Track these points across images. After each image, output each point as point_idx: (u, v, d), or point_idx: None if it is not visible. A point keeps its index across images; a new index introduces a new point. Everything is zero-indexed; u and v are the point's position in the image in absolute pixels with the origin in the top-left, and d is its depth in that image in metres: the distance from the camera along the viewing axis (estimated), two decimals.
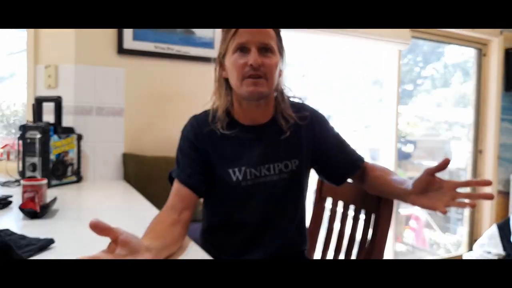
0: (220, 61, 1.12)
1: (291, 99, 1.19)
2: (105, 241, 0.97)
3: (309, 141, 1.17)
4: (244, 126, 1.13)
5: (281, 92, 1.15)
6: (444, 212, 0.91)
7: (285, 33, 1.15)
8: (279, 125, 1.13)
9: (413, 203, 1.00)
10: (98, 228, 0.66)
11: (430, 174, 0.96)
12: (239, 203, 1.12)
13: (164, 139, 2.08)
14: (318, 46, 2.93)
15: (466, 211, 3.47)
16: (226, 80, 1.12)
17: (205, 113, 1.16)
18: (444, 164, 0.92)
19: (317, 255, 1.45)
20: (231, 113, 1.14)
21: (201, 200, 1.18)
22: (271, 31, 1.06)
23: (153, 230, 0.91)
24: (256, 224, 1.13)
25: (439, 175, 0.97)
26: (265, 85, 1.05)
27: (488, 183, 0.89)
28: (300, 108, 1.19)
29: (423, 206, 0.98)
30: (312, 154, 1.18)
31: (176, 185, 1.08)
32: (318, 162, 1.20)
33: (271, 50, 1.05)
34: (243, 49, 1.04)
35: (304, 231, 1.26)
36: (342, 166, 1.20)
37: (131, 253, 0.71)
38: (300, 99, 1.21)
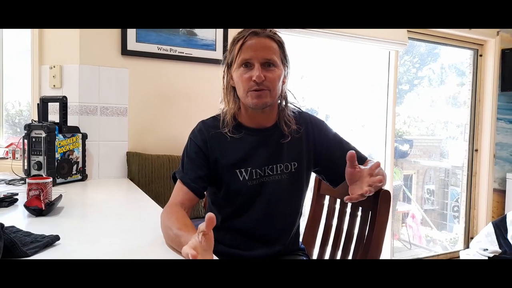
0: (227, 70, 1.18)
1: (291, 107, 1.25)
2: (107, 239, 1.01)
3: (309, 146, 1.23)
4: (250, 130, 1.19)
5: (284, 98, 1.21)
6: (354, 199, 0.98)
7: (284, 35, 1.20)
8: (281, 129, 1.19)
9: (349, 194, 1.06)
10: (212, 222, 0.75)
11: (348, 167, 1.03)
12: (245, 202, 1.17)
13: (167, 138, 2.11)
14: (317, 48, 2.95)
15: (463, 209, 3.51)
16: (234, 87, 1.18)
17: (213, 118, 1.22)
18: (349, 158, 1.01)
19: (316, 251, 1.48)
20: (237, 117, 1.19)
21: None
22: (274, 45, 1.13)
23: (191, 226, 0.95)
24: (259, 222, 1.18)
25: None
26: (268, 96, 1.12)
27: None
28: (299, 115, 1.25)
29: (350, 194, 1.04)
30: (313, 158, 1.24)
31: (180, 185, 1.14)
32: (318, 164, 1.26)
33: (274, 64, 1.12)
34: (247, 64, 1.11)
35: (299, 230, 1.32)
36: (340, 169, 1.22)
37: (208, 249, 0.78)
38: (299, 108, 1.27)
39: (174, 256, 0.90)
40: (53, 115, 1.83)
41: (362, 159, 1.26)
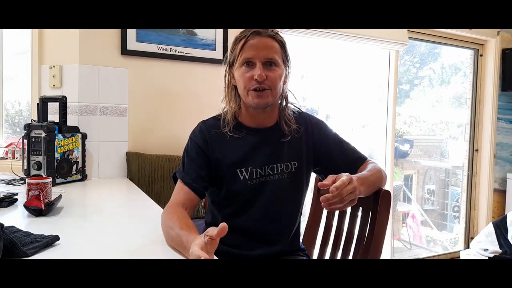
0: (229, 69, 1.18)
1: (292, 107, 1.25)
2: (107, 239, 1.02)
3: (309, 146, 1.24)
4: (251, 129, 1.19)
5: (285, 98, 1.22)
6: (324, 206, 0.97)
7: (285, 34, 1.20)
8: (282, 129, 1.20)
9: None
10: (224, 232, 0.76)
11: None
12: (246, 201, 1.17)
13: (167, 138, 2.11)
14: (317, 47, 2.95)
15: (463, 209, 3.51)
16: (235, 87, 1.18)
17: (214, 118, 1.23)
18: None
19: (316, 251, 1.48)
20: (237, 116, 1.20)
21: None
22: (276, 45, 1.14)
23: (193, 226, 0.95)
24: (259, 221, 1.18)
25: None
26: (269, 96, 1.13)
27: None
28: (299, 115, 1.26)
29: None
30: (313, 157, 1.25)
31: (180, 185, 1.14)
32: (319, 164, 1.27)
33: (276, 63, 1.13)
34: (249, 63, 1.12)
35: (299, 230, 1.32)
36: (340, 168, 1.23)
37: (211, 251, 0.79)
38: (299, 108, 1.28)
39: (174, 256, 0.90)
40: (53, 115, 1.83)
41: (362, 159, 1.26)
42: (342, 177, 0.98)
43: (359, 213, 1.30)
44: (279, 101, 1.22)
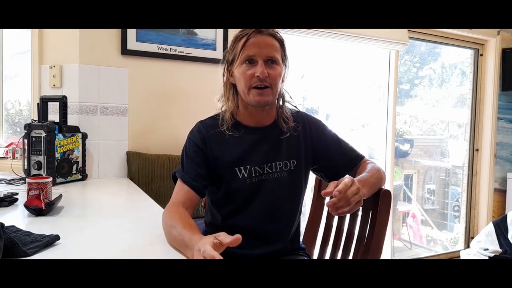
0: (228, 67, 1.19)
1: (289, 106, 1.26)
2: (107, 239, 1.03)
3: (307, 144, 1.24)
4: (249, 128, 1.20)
5: (282, 96, 1.23)
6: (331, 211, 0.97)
7: (285, 34, 1.21)
8: (280, 127, 1.20)
9: None
10: (237, 243, 0.78)
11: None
12: (245, 200, 1.18)
13: (167, 137, 2.12)
14: (317, 47, 2.95)
15: (463, 209, 3.51)
16: (233, 85, 1.19)
17: (212, 117, 1.23)
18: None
19: (316, 251, 1.48)
20: (235, 115, 1.20)
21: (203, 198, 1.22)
22: (276, 43, 1.15)
23: (195, 226, 0.95)
24: (259, 220, 1.18)
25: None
26: (270, 94, 1.14)
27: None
28: (296, 114, 1.26)
29: None
30: (311, 156, 1.25)
31: (180, 184, 1.14)
32: (317, 162, 1.27)
33: (276, 62, 1.15)
34: (251, 61, 1.13)
35: (299, 229, 1.33)
36: (338, 166, 1.26)
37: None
38: (295, 106, 1.28)
39: (174, 255, 0.90)
40: (53, 115, 1.84)
41: (359, 158, 1.27)
42: (344, 179, 0.98)
43: (359, 213, 1.30)
44: (277, 100, 1.23)
